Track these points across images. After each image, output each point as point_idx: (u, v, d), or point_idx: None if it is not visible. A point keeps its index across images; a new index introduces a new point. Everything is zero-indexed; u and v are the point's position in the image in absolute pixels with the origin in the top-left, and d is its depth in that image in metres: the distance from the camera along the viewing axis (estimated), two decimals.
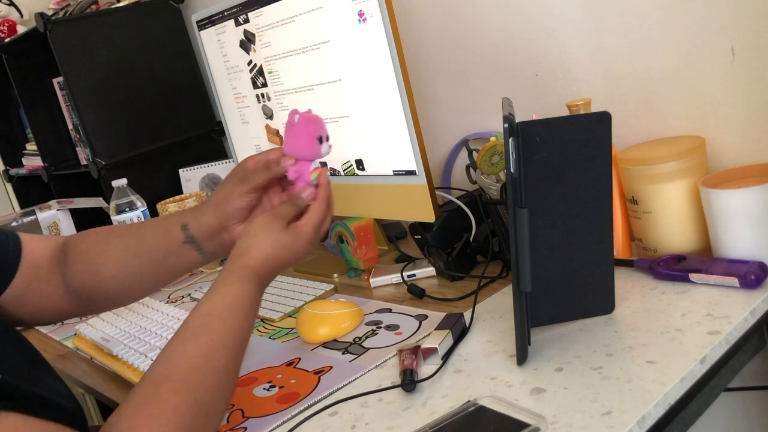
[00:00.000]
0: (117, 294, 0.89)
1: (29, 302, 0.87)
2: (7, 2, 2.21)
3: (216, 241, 0.85)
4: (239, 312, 0.73)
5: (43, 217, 1.77)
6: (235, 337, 0.73)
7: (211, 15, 1.44)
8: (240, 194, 0.82)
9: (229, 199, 0.83)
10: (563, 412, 0.69)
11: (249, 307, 0.74)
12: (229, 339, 0.72)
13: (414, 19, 1.34)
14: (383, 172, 1.16)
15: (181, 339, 0.71)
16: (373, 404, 0.80)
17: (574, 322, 0.86)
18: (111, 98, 1.85)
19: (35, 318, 0.90)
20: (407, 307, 1.06)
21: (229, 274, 0.76)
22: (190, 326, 0.72)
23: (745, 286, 0.83)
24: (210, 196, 0.85)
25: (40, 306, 0.88)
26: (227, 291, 0.74)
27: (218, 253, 0.87)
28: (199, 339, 0.71)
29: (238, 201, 0.82)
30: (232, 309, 0.73)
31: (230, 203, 0.82)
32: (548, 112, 1.17)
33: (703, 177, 0.91)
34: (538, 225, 0.77)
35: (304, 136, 0.80)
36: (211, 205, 0.84)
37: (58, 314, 0.91)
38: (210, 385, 0.68)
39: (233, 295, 0.74)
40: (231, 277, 0.75)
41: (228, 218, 0.83)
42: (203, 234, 0.84)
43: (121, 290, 0.89)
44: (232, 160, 1.91)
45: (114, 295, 0.89)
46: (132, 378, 1.03)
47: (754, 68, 0.93)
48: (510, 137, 0.73)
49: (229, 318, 0.73)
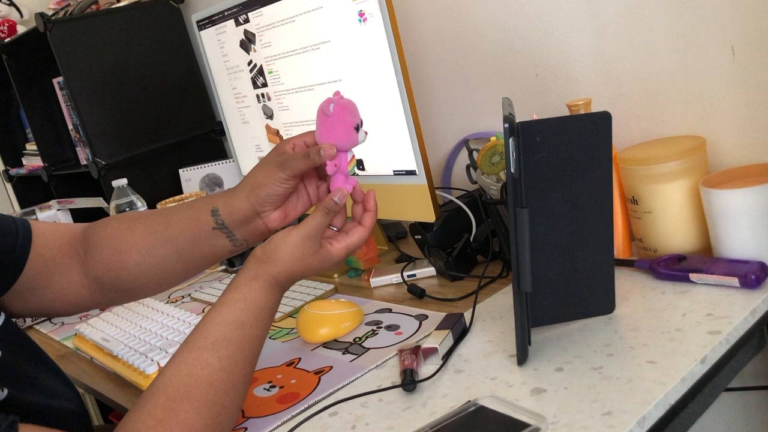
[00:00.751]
0: (143, 282, 0.86)
1: (42, 294, 0.85)
2: (7, 2, 2.21)
3: (248, 227, 0.81)
4: (260, 322, 0.73)
5: (43, 217, 1.77)
6: (255, 347, 0.73)
7: (211, 15, 1.44)
8: (277, 180, 0.77)
9: (265, 184, 0.78)
10: (563, 412, 0.69)
11: (270, 317, 0.74)
12: (248, 350, 0.72)
13: (414, 19, 1.34)
14: (383, 172, 1.16)
15: (201, 348, 0.70)
16: (373, 404, 0.80)
17: (574, 322, 0.86)
18: (111, 98, 1.85)
19: (50, 309, 0.88)
20: (407, 307, 1.06)
21: (254, 279, 0.73)
22: (212, 333, 0.71)
23: (746, 286, 0.83)
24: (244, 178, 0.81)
25: (54, 297, 0.86)
26: (252, 299, 0.72)
27: (250, 240, 0.82)
28: (219, 350, 0.70)
29: (274, 187, 0.77)
30: (256, 319, 0.72)
31: (266, 188, 0.78)
32: (548, 112, 1.17)
33: (703, 177, 0.91)
34: (539, 225, 0.77)
35: (340, 127, 0.75)
36: (244, 190, 0.79)
37: (76, 305, 0.88)
38: (228, 400, 0.69)
39: (258, 304, 0.72)
40: (256, 284, 0.73)
41: (262, 204, 0.79)
42: (234, 220, 0.80)
43: (148, 279, 0.85)
44: (232, 160, 1.91)
45: (140, 283, 0.86)
46: (132, 378, 1.03)
47: (754, 68, 0.93)
48: (510, 137, 0.73)
49: (252, 329, 0.72)
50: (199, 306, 1.32)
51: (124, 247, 0.84)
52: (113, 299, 0.90)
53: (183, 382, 0.68)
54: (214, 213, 0.81)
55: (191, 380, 0.68)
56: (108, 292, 0.87)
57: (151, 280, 0.85)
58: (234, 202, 0.80)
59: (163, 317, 1.20)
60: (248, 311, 0.72)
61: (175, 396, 0.66)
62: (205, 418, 0.66)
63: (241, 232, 0.81)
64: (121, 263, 0.84)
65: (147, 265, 0.84)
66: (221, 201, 0.81)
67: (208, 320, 0.72)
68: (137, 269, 0.84)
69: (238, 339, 0.71)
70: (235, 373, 0.70)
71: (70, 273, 0.86)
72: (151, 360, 1.02)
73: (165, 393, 0.67)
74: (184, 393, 0.67)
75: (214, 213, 0.81)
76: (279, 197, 0.79)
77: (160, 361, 1.01)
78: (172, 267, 0.84)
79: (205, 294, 1.36)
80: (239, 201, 0.79)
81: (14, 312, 0.85)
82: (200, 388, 0.67)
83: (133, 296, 0.90)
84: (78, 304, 0.88)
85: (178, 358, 0.70)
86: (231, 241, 0.82)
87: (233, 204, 0.80)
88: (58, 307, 0.88)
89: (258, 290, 0.73)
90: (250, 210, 0.79)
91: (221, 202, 0.81)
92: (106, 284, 0.86)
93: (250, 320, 0.72)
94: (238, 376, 0.70)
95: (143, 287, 0.87)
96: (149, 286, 0.87)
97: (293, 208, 0.82)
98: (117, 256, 0.85)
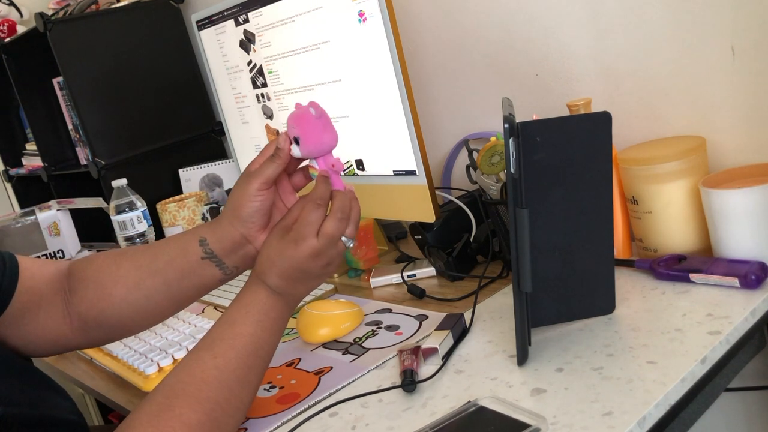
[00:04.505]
0: (129, 318, 0.83)
1: (25, 331, 0.82)
2: (7, 2, 2.21)
3: (239, 254, 0.80)
4: (249, 319, 0.73)
5: (42, 217, 1.76)
6: (248, 346, 0.72)
7: (211, 15, 1.44)
8: (251, 195, 0.76)
9: (242, 204, 0.77)
10: (564, 412, 0.69)
11: (260, 313, 0.74)
12: (240, 348, 0.72)
13: (414, 19, 1.34)
14: (383, 172, 1.16)
15: (198, 348, 0.73)
16: (373, 405, 0.80)
17: (574, 322, 0.86)
18: (111, 98, 1.85)
19: (30, 348, 0.84)
20: (407, 308, 1.06)
21: (249, 284, 0.76)
22: (209, 335, 0.73)
23: (746, 286, 0.83)
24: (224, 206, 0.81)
25: (36, 334, 0.83)
26: (244, 300, 0.75)
27: (241, 267, 0.81)
28: (213, 348, 0.72)
29: (250, 203, 0.76)
30: (243, 316, 0.74)
31: (244, 208, 0.77)
32: (548, 112, 1.17)
33: (703, 177, 0.91)
34: (539, 225, 0.77)
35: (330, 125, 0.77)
36: (226, 216, 0.79)
37: (57, 345, 0.85)
38: (222, 398, 0.69)
39: (248, 303, 0.74)
40: (250, 288, 0.75)
41: (247, 226, 0.77)
42: (223, 248, 0.79)
43: (134, 314, 0.83)
44: (232, 160, 1.91)
45: (126, 319, 0.83)
46: (131, 379, 1.03)
47: (754, 68, 0.93)
48: (510, 137, 0.72)
49: (241, 326, 0.73)
50: (199, 306, 1.32)
51: (109, 282, 0.83)
52: (96, 338, 0.86)
53: (179, 379, 0.70)
54: (202, 243, 0.80)
55: (186, 378, 0.70)
56: (92, 331, 0.84)
57: (138, 314, 0.83)
58: (220, 230, 0.79)
59: None
60: (238, 309, 0.75)
61: (171, 393, 0.68)
62: (199, 414, 0.67)
63: (232, 260, 0.80)
64: (107, 298, 0.82)
65: (133, 300, 0.82)
66: (208, 231, 0.80)
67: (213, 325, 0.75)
68: (123, 304, 0.82)
69: (229, 336, 0.73)
70: (229, 371, 0.70)
71: (54, 309, 0.84)
72: (150, 360, 1.02)
73: (162, 391, 0.69)
74: (180, 390, 0.68)
75: (202, 243, 0.80)
76: (259, 214, 0.77)
77: (160, 361, 1.01)
78: (159, 302, 0.82)
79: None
80: (225, 228, 0.79)
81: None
82: (194, 385, 0.69)
83: (118, 334, 0.87)
84: (58, 342, 0.85)
85: (180, 361, 0.73)
86: (221, 269, 0.80)
87: (219, 232, 0.79)
88: (40, 344, 0.84)
89: (245, 289, 0.76)
90: (238, 236, 0.78)
91: (208, 232, 0.80)
92: (90, 321, 0.84)
93: (239, 317, 0.74)
94: (232, 374, 0.71)
95: (128, 323, 0.84)
96: (135, 322, 0.84)
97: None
98: (102, 291, 0.83)
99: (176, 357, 1.03)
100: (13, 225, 1.74)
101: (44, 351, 0.86)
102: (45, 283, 0.84)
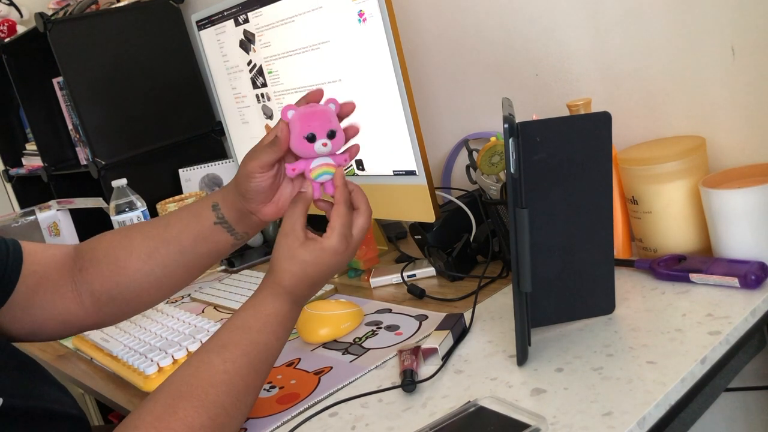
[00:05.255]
0: (144, 289, 0.84)
1: (34, 314, 0.83)
2: (7, 2, 2.21)
3: (245, 222, 0.82)
4: (268, 328, 0.73)
5: (42, 217, 1.76)
6: (261, 354, 0.72)
7: (210, 15, 1.44)
8: (249, 174, 0.76)
9: (241, 181, 0.78)
10: (563, 412, 0.69)
11: (278, 324, 0.74)
12: (254, 356, 0.72)
13: (414, 19, 1.34)
14: (383, 173, 1.16)
15: (208, 351, 0.71)
16: (373, 405, 0.80)
17: (574, 322, 0.86)
18: (111, 98, 1.85)
19: (39, 332, 0.85)
20: (407, 308, 1.06)
21: (263, 288, 0.75)
22: (219, 338, 0.72)
23: (746, 286, 0.83)
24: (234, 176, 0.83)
25: (45, 317, 0.84)
26: (260, 306, 0.74)
27: (250, 233, 0.84)
28: (224, 353, 0.70)
29: (248, 182, 0.77)
30: (263, 325, 0.73)
31: (243, 185, 0.78)
32: (548, 112, 1.17)
33: (703, 177, 0.91)
34: (539, 225, 0.77)
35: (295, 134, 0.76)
36: (232, 185, 0.81)
37: (67, 326, 0.86)
38: (228, 402, 0.69)
39: (264, 311, 0.73)
40: (264, 292, 0.74)
41: (248, 200, 0.79)
42: (233, 215, 0.81)
43: (149, 284, 0.84)
44: (232, 160, 1.91)
45: (141, 290, 0.84)
46: (131, 379, 1.02)
47: (754, 68, 0.93)
48: (510, 137, 0.72)
49: (258, 334, 0.72)
50: (199, 306, 1.32)
51: (123, 255, 0.83)
52: (109, 315, 0.87)
53: (185, 381, 0.69)
54: (215, 207, 0.82)
55: (193, 380, 0.69)
56: (104, 307, 0.85)
57: (153, 285, 0.84)
58: (229, 198, 0.81)
59: (163, 317, 1.20)
60: (256, 317, 0.73)
61: (176, 394, 0.67)
62: (204, 418, 0.66)
63: (241, 226, 0.83)
64: (122, 271, 0.83)
65: (149, 270, 0.83)
66: (219, 197, 0.83)
67: (221, 327, 0.74)
68: (138, 275, 0.83)
69: (245, 343, 0.71)
70: (239, 377, 0.70)
71: (63, 290, 0.84)
72: (150, 360, 1.02)
73: (166, 392, 0.68)
74: (185, 391, 0.67)
75: (215, 208, 0.82)
76: (258, 192, 0.78)
77: (160, 361, 1.01)
78: (174, 269, 0.84)
79: (204, 294, 1.36)
80: (233, 198, 0.81)
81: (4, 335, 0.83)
82: (201, 387, 0.68)
83: (132, 308, 0.87)
84: (69, 322, 0.85)
85: (185, 362, 0.72)
86: (232, 235, 0.83)
87: (230, 200, 0.81)
88: (50, 326, 0.85)
89: (264, 297, 0.74)
90: (243, 207, 0.80)
91: (219, 198, 0.82)
92: (104, 297, 0.84)
93: (258, 326, 0.73)
94: (242, 380, 0.70)
95: (143, 295, 0.85)
96: (150, 293, 0.85)
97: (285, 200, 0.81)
98: (116, 264, 0.83)
99: (176, 357, 1.03)
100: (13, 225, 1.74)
101: (55, 333, 0.87)
102: (51, 265, 0.85)
